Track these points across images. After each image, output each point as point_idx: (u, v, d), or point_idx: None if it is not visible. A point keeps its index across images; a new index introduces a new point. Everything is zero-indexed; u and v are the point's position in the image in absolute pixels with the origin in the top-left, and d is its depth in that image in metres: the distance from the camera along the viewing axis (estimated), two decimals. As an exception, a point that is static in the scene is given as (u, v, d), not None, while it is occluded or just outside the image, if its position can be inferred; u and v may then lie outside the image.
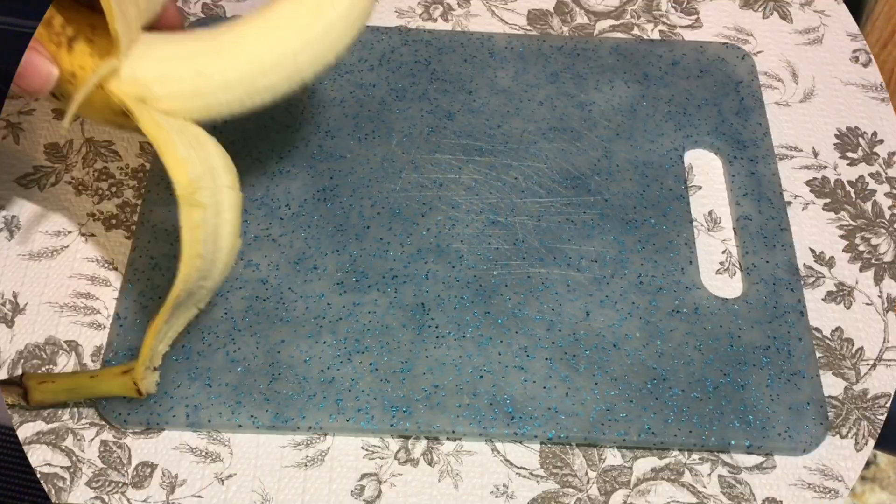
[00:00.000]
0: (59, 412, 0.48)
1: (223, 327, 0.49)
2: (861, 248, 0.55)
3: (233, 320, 0.50)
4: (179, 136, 0.41)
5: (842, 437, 0.49)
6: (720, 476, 0.47)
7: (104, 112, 0.43)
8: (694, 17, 0.65)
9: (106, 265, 0.52)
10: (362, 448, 0.47)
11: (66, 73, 0.42)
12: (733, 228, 0.55)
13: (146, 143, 0.57)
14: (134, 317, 0.50)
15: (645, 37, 0.63)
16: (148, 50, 0.42)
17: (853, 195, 0.57)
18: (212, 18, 0.62)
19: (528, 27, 0.64)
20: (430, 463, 0.47)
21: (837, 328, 0.52)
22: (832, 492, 0.47)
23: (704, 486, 0.47)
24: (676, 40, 0.63)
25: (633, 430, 0.47)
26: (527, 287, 0.52)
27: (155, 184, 0.54)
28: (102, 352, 0.49)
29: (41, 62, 0.40)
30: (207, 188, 0.41)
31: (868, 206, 0.57)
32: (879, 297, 0.54)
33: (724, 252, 0.55)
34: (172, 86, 0.41)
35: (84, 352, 0.50)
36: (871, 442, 0.49)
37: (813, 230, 0.56)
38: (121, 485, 0.46)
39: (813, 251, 0.55)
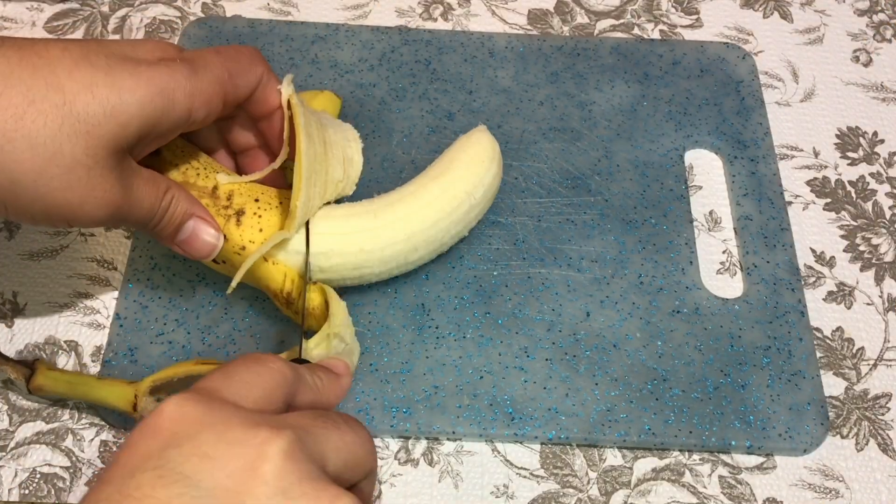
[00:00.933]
0: (59, 412, 0.48)
1: (223, 327, 0.49)
2: (862, 248, 0.55)
3: (233, 320, 0.50)
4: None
5: (842, 437, 0.49)
6: (721, 476, 0.47)
7: (266, 283, 0.46)
8: (694, 16, 0.65)
9: (106, 265, 0.52)
10: (362, 448, 0.47)
11: (235, 246, 0.45)
12: (734, 228, 0.55)
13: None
14: (134, 317, 0.50)
15: (645, 36, 0.63)
16: (314, 226, 0.45)
17: (854, 195, 0.57)
18: (212, 18, 0.61)
19: (529, 27, 0.64)
20: (431, 463, 0.47)
21: (838, 328, 0.52)
22: (833, 492, 0.47)
23: (705, 487, 0.47)
24: (677, 40, 0.63)
25: (634, 430, 0.47)
26: (527, 287, 0.51)
27: (155, 184, 0.54)
28: (102, 352, 0.49)
29: (207, 232, 0.44)
30: (341, 343, 0.44)
31: (869, 206, 0.57)
32: (880, 297, 0.54)
33: (724, 252, 0.55)
34: (337, 259, 0.45)
35: (84, 352, 0.49)
36: (872, 442, 0.49)
37: (813, 230, 0.56)
38: (121, 485, 0.46)
39: (813, 251, 0.55)
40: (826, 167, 0.58)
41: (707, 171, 0.58)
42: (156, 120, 0.39)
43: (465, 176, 0.48)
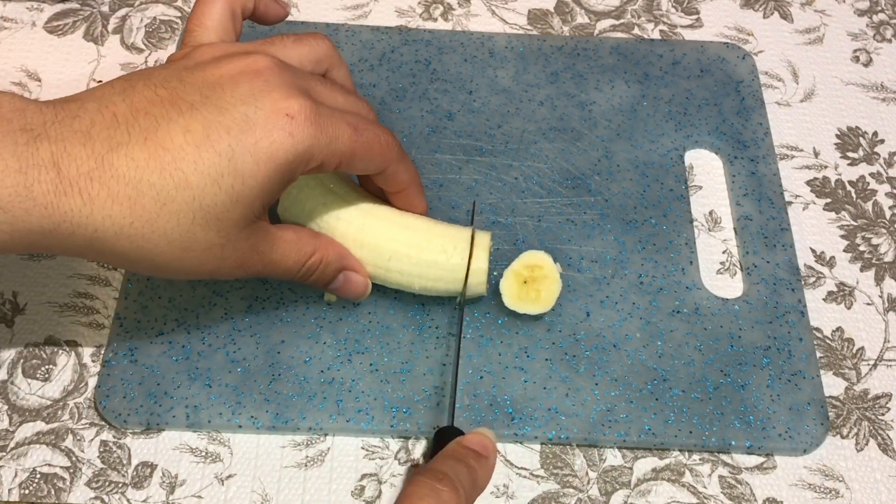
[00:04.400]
0: (59, 412, 0.48)
1: (223, 327, 0.49)
2: (862, 248, 0.55)
3: (233, 320, 0.50)
4: None
5: (842, 437, 0.49)
6: (721, 476, 0.47)
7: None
8: (694, 16, 0.65)
9: (106, 265, 0.52)
10: (362, 448, 0.47)
11: None
12: (734, 228, 0.55)
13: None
14: (134, 317, 0.50)
15: (645, 36, 0.63)
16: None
17: (854, 195, 0.57)
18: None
19: (529, 27, 0.64)
20: (431, 463, 0.47)
21: (838, 328, 0.52)
22: (833, 492, 0.47)
23: (705, 487, 0.47)
24: (677, 40, 0.63)
25: (634, 430, 0.47)
26: (527, 287, 0.51)
27: (155, 184, 0.54)
28: (102, 352, 0.49)
29: (357, 281, 0.48)
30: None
31: (869, 206, 0.57)
32: (880, 297, 0.54)
33: (724, 252, 0.55)
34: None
35: (84, 352, 0.49)
36: (872, 442, 0.49)
37: (813, 230, 0.56)
38: (121, 485, 0.46)
39: (813, 251, 0.55)
40: (826, 167, 0.58)
41: (707, 171, 0.58)
42: (278, 191, 0.41)
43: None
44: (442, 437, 0.44)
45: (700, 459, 0.48)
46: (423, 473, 0.40)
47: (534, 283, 0.49)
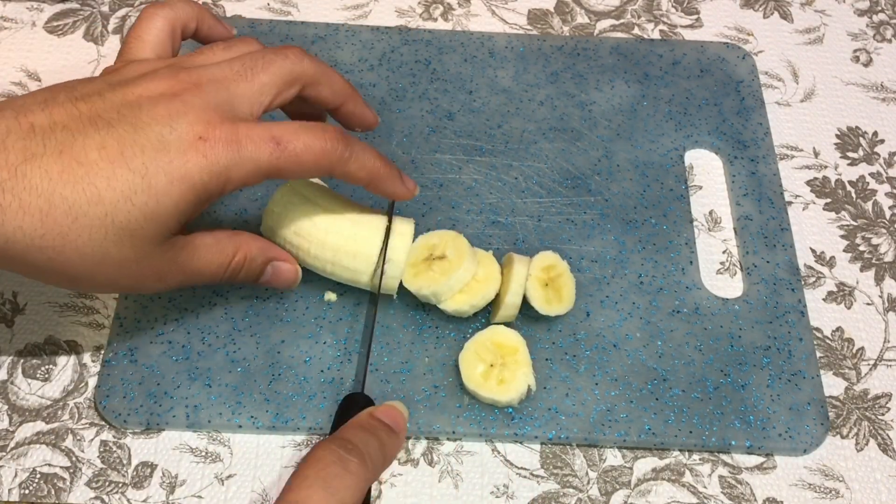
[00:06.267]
0: (59, 412, 0.48)
1: (223, 327, 0.49)
2: (862, 248, 0.55)
3: (233, 320, 0.50)
4: None
5: (842, 437, 0.49)
6: (721, 476, 0.47)
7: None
8: (694, 16, 0.65)
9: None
10: (362, 448, 0.47)
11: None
12: (734, 228, 0.55)
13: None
14: (134, 317, 0.50)
15: (645, 36, 0.63)
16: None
17: (854, 195, 0.57)
18: (212, 18, 0.61)
19: (529, 27, 0.64)
20: (431, 463, 0.47)
21: (838, 328, 0.52)
22: (833, 492, 0.47)
23: (705, 487, 0.47)
24: (677, 40, 0.63)
25: (634, 430, 0.47)
26: (527, 287, 0.51)
27: (155, 184, 0.54)
28: (102, 352, 0.49)
29: (285, 269, 0.47)
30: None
31: (869, 206, 0.57)
32: (880, 297, 0.54)
33: (724, 252, 0.55)
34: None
35: (84, 352, 0.49)
36: (872, 442, 0.49)
37: (813, 230, 0.56)
38: (121, 485, 0.46)
39: (813, 251, 0.55)
40: (826, 167, 0.58)
41: (707, 171, 0.58)
42: (193, 211, 0.40)
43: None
44: (350, 405, 0.43)
45: (700, 459, 0.48)
46: (331, 440, 0.39)
47: (553, 284, 0.49)
